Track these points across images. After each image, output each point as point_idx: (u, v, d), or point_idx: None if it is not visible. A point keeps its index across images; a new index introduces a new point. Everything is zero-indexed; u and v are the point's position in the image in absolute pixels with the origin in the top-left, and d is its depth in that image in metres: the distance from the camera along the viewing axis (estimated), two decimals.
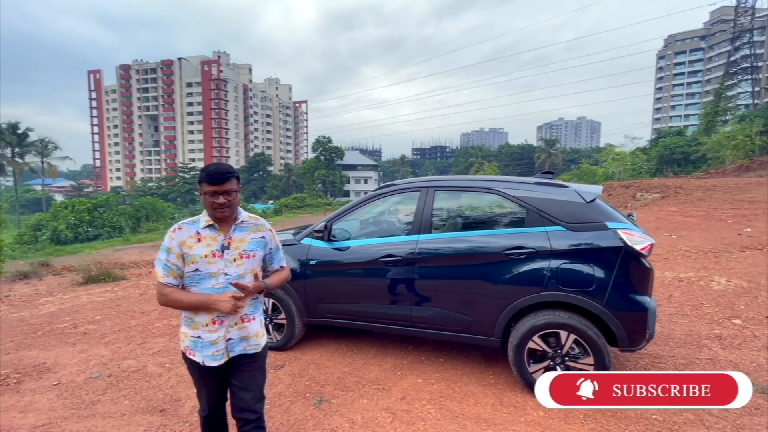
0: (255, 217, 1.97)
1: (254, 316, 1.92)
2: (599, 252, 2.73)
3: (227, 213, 1.82)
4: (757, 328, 4.06)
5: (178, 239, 1.82)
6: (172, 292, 1.81)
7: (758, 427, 2.51)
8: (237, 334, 1.86)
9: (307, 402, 2.97)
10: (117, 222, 27.05)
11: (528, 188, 3.05)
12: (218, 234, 1.84)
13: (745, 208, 11.62)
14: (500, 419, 2.69)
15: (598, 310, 2.69)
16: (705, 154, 28.97)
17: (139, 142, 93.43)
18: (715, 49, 75.24)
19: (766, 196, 12.92)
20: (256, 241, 1.91)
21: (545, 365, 2.86)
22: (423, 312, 3.21)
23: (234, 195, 1.81)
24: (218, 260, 1.82)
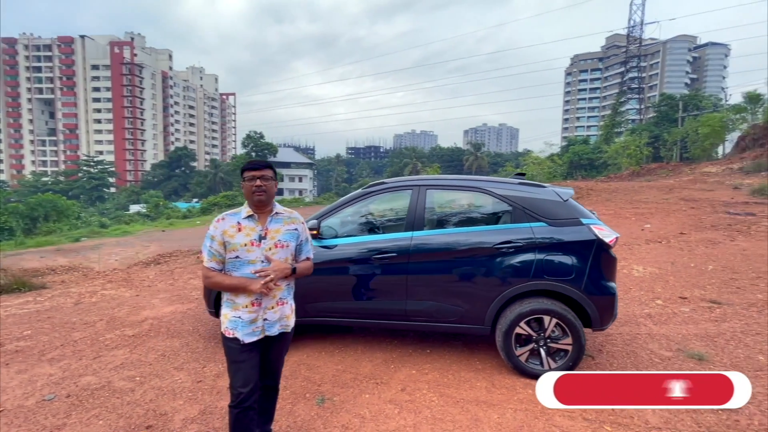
0: (289, 211, 2.19)
1: (287, 300, 2.16)
2: (577, 245, 3.11)
3: (264, 198, 2.02)
4: (674, 306, 4.88)
5: (221, 228, 2.04)
6: (215, 275, 2.05)
7: None
8: (273, 315, 2.10)
9: (309, 402, 2.93)
10: (6, 223, 23.02)
11: (513, 188, 3.34)
12: (257, 225, 2.05)
13: (643, 207, 13.68)
14: (496, 400, 2.92)
15: (577, 296, 3.06)
16: (606, 161, 33.36)
17: (29, 129, 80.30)
18: (610, 70, 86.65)
19: (656, 197, 15.36)
20: (290, 232, 2.12)
21: (530, 348, 3.17)
22: (417, 305, 3.35)
23: (270, 182, 2.03)
24: (256, 249, 2.03)
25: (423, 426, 2.63)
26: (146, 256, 9.52)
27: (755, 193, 14.60)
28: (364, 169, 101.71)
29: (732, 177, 19.74)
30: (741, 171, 20.62)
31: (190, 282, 6.52)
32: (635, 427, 2.59)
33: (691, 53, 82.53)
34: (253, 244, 2.02)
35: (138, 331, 4.30)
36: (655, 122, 34.84)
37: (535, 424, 2.63)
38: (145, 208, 41.34)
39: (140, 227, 25.22)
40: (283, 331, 2.16)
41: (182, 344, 3.95)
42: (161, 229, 23.76)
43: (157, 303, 5.33)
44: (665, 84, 76.67)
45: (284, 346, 2.23)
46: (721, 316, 4.53)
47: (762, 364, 3.39)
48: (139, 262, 8.77)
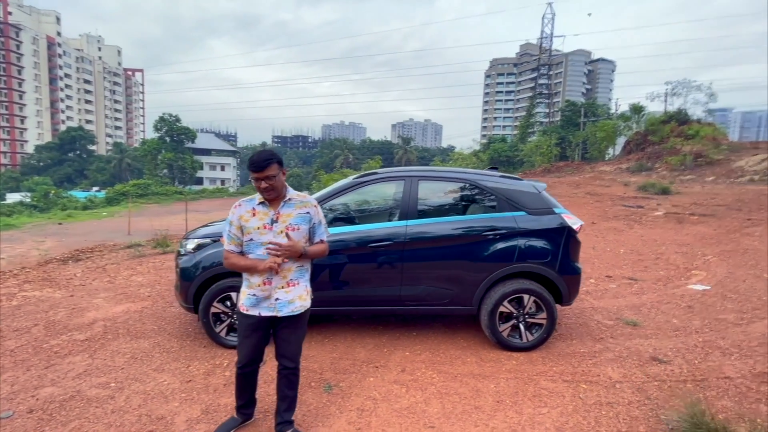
0: (303, 195, 2.28)
1: (299, 281, 2.24)
2: (551, 231, 3.53)
3: (272, 195, 2.12)
4: (604, 283, 5.75)
5: (238, 214, 2.18)
6: (232, 256, 2.20)
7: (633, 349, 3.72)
8: (284, 295, 2.19)
9: (316, 390, 2.94)
10: None
11: (497, 180, 3.67)
12: (269, 210, 2.16)
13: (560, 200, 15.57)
14: (488, 372, 3.24)
15: (552, 276, 3.50)
16: (522, 159, 36.83)
17: None
18: (523, 75, 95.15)
19: (566, 191, 17.50)
20: (301, 216, 2.19)
21: (511, 324, 3.55)
22: (411, 291, 3.51)
23: (275, 179, 2.07)
24: (268, 232, 2.14)
25: (433, 401, 2.83)
26: (59, 253, 8.23)
27: (641, 189, 17.45)
28: (292, 158, 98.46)
29: (622, 175, 23.25)
30: (628, 170, 24.37)
31: (133, 279, 5.87)
32: (602, 383, 3.09)
33: (587, 66, 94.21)
34: (266, 227, 2.13)
35: (90, 335, 3.81)
36: (562, 125, 39.41)
37: (527, 389, 2.99)
38: (29, 197, 35.08)
39: (27, 219, 21.56)
40: (297, 313, 2.22)
41: (152, 345, 3.62)
42: (58, 222, 20.63)
43: (100, 303, 4.73)
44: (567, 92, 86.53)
45: (298, 326, 2.28)
46: (639, 290, 5.47)
47: (677, 326, 4.21)
48: (53, 259, 7.56)
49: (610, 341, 3.83)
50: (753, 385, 3.08)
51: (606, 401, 2.84)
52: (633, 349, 3.67)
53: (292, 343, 2.29)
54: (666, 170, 22.71)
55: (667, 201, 14.62)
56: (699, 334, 4.00)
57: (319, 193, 3.74)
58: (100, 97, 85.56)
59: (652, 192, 16.53)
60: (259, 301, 2.18)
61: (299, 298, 2.23)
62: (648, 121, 27.03)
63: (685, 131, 24.02)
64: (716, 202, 14.12)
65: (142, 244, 8.59)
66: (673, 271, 6.43)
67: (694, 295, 5.21)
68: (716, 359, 3.49)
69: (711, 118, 29.25)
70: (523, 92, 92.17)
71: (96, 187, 53.65)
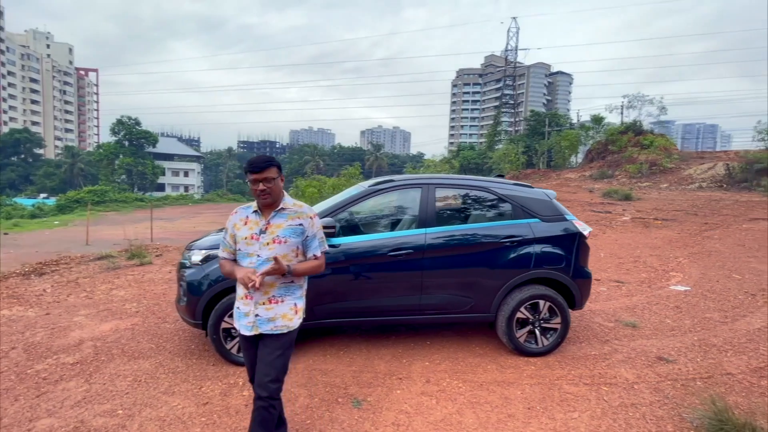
0: (299, 204, 2.12)
1: (284, 298, 2.04)
2: (565, 237, 3.63)
3: (269, 199, 2.00)
4: (594, 287, 5.95)
5: (233, 221, 2.11)
6: (224, 263, 2.13)
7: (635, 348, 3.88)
8: (264, 312, 2.02)
9: (345, 406, 2.83)
10: None
11: (511, 188, 3.72)
12: (261, 219, 2.04)
13: None
14: (511, 379, 3.25)
15: (566, 281, 3.58)
16: (491, 166, 37.98)
17: None
18: (488, 86, 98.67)
19: None
20: (292, 228, 2.04)
21: (528, 329, 3.59)
22: (431, 299, 3.48)
23: (273, 182, 1.96)
24: (255, 243, 2.01)
25: (466, 411, 2.80)
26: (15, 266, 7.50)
27: (606, 196, 18.46)
28: None
29: (586, 182, 24.54)
30: (591, 177, 25.75)
31: (114, 294, 5.44)
32: (621, 384, 3.18)
33: (547, 78, 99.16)
34: (253, 237, 2.01)
35: (81, 357, 3.48)
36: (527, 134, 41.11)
37: (553, 394, 3.03)
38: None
39: None
40: (277, 333, 2.01)
41: (154, 365, 3.35)
42: (3, 232, 18.99)
43: (83, 321, 4.34)
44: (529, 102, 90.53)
45: (277, 347, 2.01)
46: (627, 293, 5.73)
47: (672, 326, 4.44)
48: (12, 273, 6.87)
49: (616, 343, 3.97)
50: (753, 380, 3.29)
51: (629, 402, 2.93)
52: (639, 349, 3.82)
53: (268, 366, 1.98)
54: (625, 177, 24.19)
55: (631, 206, 15.53)
56: (693, 333, 4.23)
57: (332, 201, 3.64)
58: (48, 98, 79.80)
59: (616, 198, 17.52)
60: (240, 317, 2.06)
61: (282, 317, 2.02)
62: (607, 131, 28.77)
63: (641, 141, 25.74)
64: (674, 207, 15.17)
65: (114, 255, 8.01)
66: (652, 273, 6.81)
67: (678, 296, 5.53)
68: (715, 356, 3.70)
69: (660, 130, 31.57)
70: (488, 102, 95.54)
71: (44, 193, 49.85)
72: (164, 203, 39.20)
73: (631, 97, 30.16)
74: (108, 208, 34.40)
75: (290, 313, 2.05)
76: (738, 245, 9.03)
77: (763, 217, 12.30)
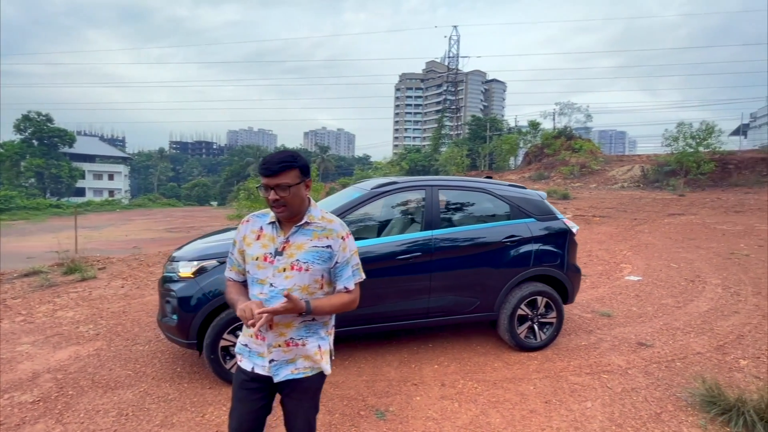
0: (329, 219, 1.60)
1: (305, 341, 1.57)
2: (558, 235, 3.81)
3: (285, 213, 1.51)
4: None
5: (242, 232, 1.63)
6: (229, 287, 1.65)
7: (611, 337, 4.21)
8: (281, 356, 1.55)
9: (369, 419, 2.70)
10: None
11: (508, 189, 3.84)
12: (278, 235, 1.56)
13: None
14: (520, 375, 3.34)
15: (561, 277, 3.77)
16: (438, 168, 39.25)
17: None
18: (429, 90, 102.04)
19: None
20: (318, 250, 1.55)
21: (527, 325, 3.72)
22: (439, 302, 3.46)
23: (290, 191, 1.47)
24: (268, 267, 1.53)
25: (490, 412, 2.81)
26: None
27: None
28: (195, 166, 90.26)
29: (526, 183, 26.30)
30: (530, 178, 27.72)
31: (60, 315, 4.70)
32: (617, 371, 3.41)
33: (483, 85, 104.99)
34: (267, 258, 1.53)
35: (42, 394, 2.94)
36: (470, 138, 43.15)
37: (562, 386, 3.16)
38: None
39: None
40: (300, 376, 1.57)
41: (139, 395, 2.94)
42: None
43: (31, 351, 3.69)
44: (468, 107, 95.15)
45: (306, 394, 1.61)
46: (592, 285, 6.21)
47: (639, 313, 4.87)
48: None
49: (599, 332, 4.26)
50: (719, 356, 3.71)
51: (630, 387, 3.14)
52: (620, 337, 4.14)
53: (299, 419, 1.62)
54: (560, 178, 26.37)
55: (570, 205, 16.94)
56: (657, 319, 4.69)
57: (333, 206, 3.47)
58: None
59: (556, 198, 19.00)
60: (252, 354, 1.58)
61: (305, 358, 1.57)
62: (543, 136, 31.15)
63: (572, 145, 28.22)
64: (606, 205, 16.83)
65: (46, 270, 6.96)
66: (606, 265, 7.45)
67: (634, 286, 6.10)
68: (682, 338, 4.12)
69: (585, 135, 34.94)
70: (430, 106, 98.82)
71: None
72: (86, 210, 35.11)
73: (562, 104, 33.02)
74: (15, 216, 30.01)
75: (317, 355, 1.59)
76: (666, 238, 10.23)
77: (679, 213, 14.09)
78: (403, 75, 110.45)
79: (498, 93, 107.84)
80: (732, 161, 22.58)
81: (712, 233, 10.59)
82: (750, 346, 3.93)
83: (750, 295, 5.52)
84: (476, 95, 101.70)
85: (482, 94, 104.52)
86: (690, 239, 9.90)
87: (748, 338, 4.10)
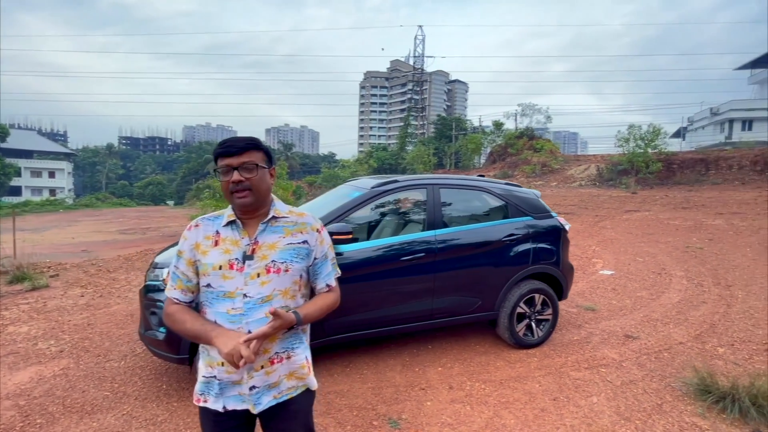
0: (299, 213, 1.42)
1: (290, 353, 1.36)
2: (553, 233, 3.87)
3: (248, 200, 1.30)
4: None
5: (192, 241, 1.35)
6: (176, 311, 1.33)
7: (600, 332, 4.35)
8: (263, 380, 1.32)
9: (382, 428, 2.58)
10: None
11: (505, 188, 3.84)
12: (241, 236, 1.32)
13: None
14: (523, 373, 3.35)
15: (557, 274, 3.82)
16: (405, 166, 39.48)
17: None
18: (394, 89, 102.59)
19: None
20: (294, 248, 1.36)
21: (525, 323, 3.75)
22: (442, 303, 3.39)
23: (257, 172, 1.29)
24: (237, 275, 1.29)
25: (503, 413, 2.78)
26: None
27: None
28: (148, 163, 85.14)
29: None
30: (495, 177, 28.57)
31: (12, 331, 4.16)
32: (613, 365, 3.51)
33: (447, 85, 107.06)
34: (233, 266, 1.29)
35: (4, 425, 2.55)
36: (435, 137, 43.78)
37: (566, 382, 3.19)
38: None
39: None
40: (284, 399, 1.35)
41: (124, 419, 2.62)
42: None
43: None
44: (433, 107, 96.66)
45: (293, 423, 1.39)
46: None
47: (619, 306, 5.08)
48: None
49: (587, 327, 4.38)
50: (699, 345, 3.93)
51: (628, 380, 3.24)
52: (608, 330, 4.28)
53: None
54: (523, 177, 27.35)
55: None
56: (637, 311, 4.91)
57: (332, 206, 3.30)
58: None
59: None
60: (224, 387, 1.31)
61: (290, 377, 1.36)
62: (506, 136, 32.19)
63: (534, 145, 29.38)
64: (568, 202, 17.64)
65: None
66: (579, 260, 7.75)
67: (608, 280, 6.38)
68: (662, 329, 4.33)
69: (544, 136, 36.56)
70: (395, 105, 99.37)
71: None
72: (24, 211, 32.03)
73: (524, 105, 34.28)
74: None
75: (303, 369, 1.39)
76: (627, 233, 10.85)
77: (635, 209, 15.04)
78: (368, 73, 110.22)
79: (460, 93, 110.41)
80: (675, 161, 24.45)
81: (667, 228, 11.37)
82: (723, 334, 4.19)
83: (712, 285, 5.93)
84: (440, 95, 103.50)
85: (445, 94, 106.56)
86: (648, 234, 10.57)
87: (720, 327, 4.38)
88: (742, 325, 4.38)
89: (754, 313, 4.74)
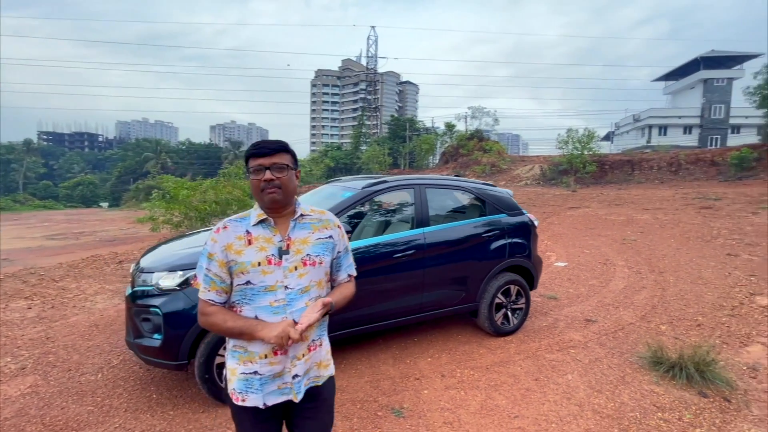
0: (320, 211, 1.56)
1: (321, 341, 1.51)
2: (525, 228, 4.21)
3: (278, 196, 1.40)
4: None
5: (223, 242, 1.40)
6: (214, 311, 1.40)
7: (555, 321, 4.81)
8: (303, 367, 1.43)
9: (387, 419, 2.69)
10: None
11: (483, 187, 4.11)
12: (273, 233, 1.42)
13: None
14: (504, 358, 3.63)
15: (529, 266, 4.17)
16: (361, 166, 39.64)
17: None
18: (346, 89, 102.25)
19: None
20: (323, 242, 1.49)
21: (503, 312, 4.05)
22: (431, 297, 3.58)
23: (286, 173, 1.41)
24: (275, 269, 1.39)
25: (494, 395, 3.02)
26: None
27: None
28: (76, 161, 77.23)
29: None
30: None
31: None
32: (579, 346, 3.91)
33: (398, 86, 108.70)
34: (271, 261, 1.39)
35: None
36: (389, 137, 44.42)
37: (543, 364, 3.52)
38: None
39: None
40: (313, 384, 1.47)
41: None
42: None
43: None
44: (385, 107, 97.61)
45: (323, 406, 1.51)
46: None
47: (577, 294, 5.61)
48: None
49: (553, 314, 4.81)
50: (645, 324, 4.48)
51: (594, 358, 3.64)
52: (570, 316, 4.73)
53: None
54: (474, 176, 28.67)
55: None
56: (592, 298, 5.46)
57: (326, 207, 3.34)
58: None
59: None
60: (265, 383, 1.39)
61: (318, 366, 1.48)
62: (457, 137, 33.49)
63: (484, 146, 30.85)
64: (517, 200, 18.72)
65: None
66: None
67: (563, 270, 6.99)
68: (615, 312, 4.88)
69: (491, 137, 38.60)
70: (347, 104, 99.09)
71: None
72: None
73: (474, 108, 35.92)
74: None
75: (327, 357, 1.52)
76: (572, 228, 11.86)
77: (576, 206, 16.42)
78: (319, 71, 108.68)
79: (411, 94, 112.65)
80: (607, 162, 26.99)
81: (605, 223, 12.58)
82: (663, 314, 4.81)
83: (648, 272, 6.73)
84: (392, 95, 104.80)
85: (397, 94, 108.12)
86: (590, 228, 11.63)
87: (659, 308, 5.02)
88: (676, 306, 5.05)
89: (684, 295, 5.48)
